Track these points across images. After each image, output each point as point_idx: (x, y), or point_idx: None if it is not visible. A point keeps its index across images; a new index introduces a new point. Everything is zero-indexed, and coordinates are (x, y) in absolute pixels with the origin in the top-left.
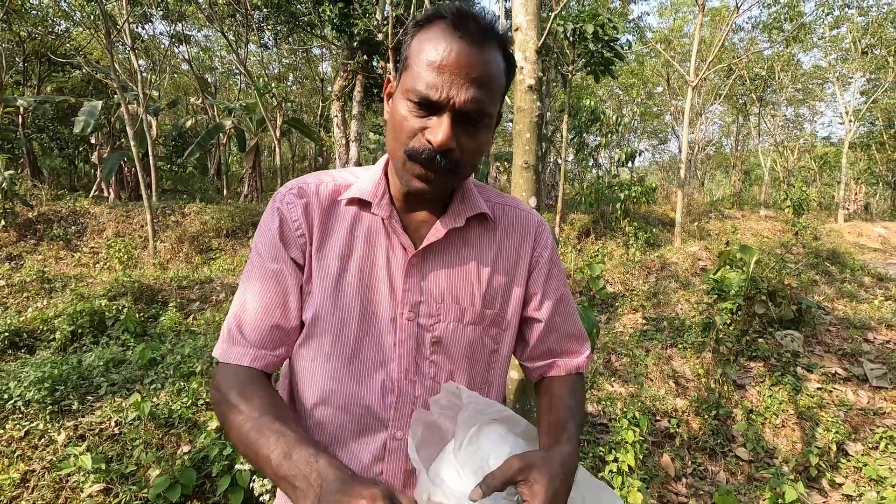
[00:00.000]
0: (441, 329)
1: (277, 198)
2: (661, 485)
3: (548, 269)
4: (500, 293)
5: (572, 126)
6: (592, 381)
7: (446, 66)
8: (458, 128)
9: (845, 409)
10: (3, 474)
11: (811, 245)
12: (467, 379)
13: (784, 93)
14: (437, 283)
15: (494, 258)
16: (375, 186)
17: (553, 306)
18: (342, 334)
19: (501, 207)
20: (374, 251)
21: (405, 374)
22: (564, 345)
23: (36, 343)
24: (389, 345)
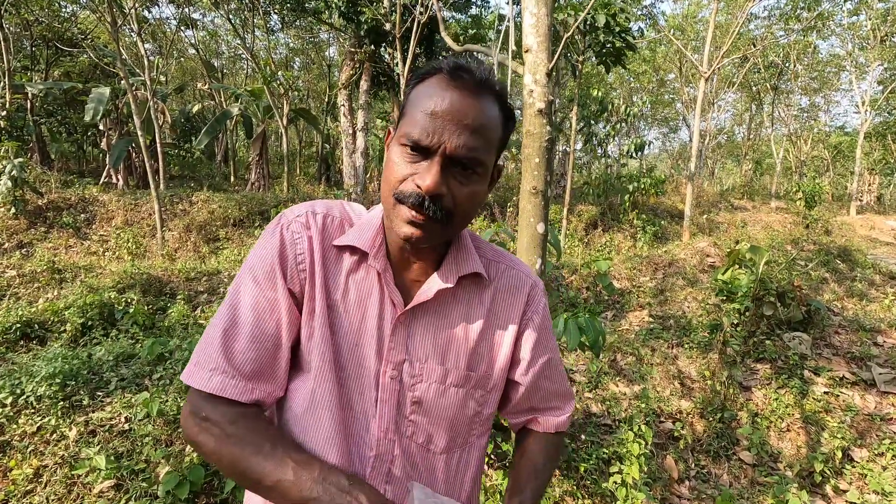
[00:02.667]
0: (422, 390)
1: (283, 223)
2: (665, 487)
3: (537, 335)
4: (486, 355)
5: (581, 116)
6: (597, 380)
7: (440, 112)
8: (449, 174)
9: (852, 414)
10: (17, 469)
11: (822, 241)
12: (446, 440)
13: (799, 81)
14: (423, 342)
15: (484, 319)
16: (373, 236)
17: (539, 370)
18: (331, 384)
19: (496, 266)
20: (367, 303)
21: (385, 434)
22: (548, 402)
23: (47, 334)
24: (371, 401)
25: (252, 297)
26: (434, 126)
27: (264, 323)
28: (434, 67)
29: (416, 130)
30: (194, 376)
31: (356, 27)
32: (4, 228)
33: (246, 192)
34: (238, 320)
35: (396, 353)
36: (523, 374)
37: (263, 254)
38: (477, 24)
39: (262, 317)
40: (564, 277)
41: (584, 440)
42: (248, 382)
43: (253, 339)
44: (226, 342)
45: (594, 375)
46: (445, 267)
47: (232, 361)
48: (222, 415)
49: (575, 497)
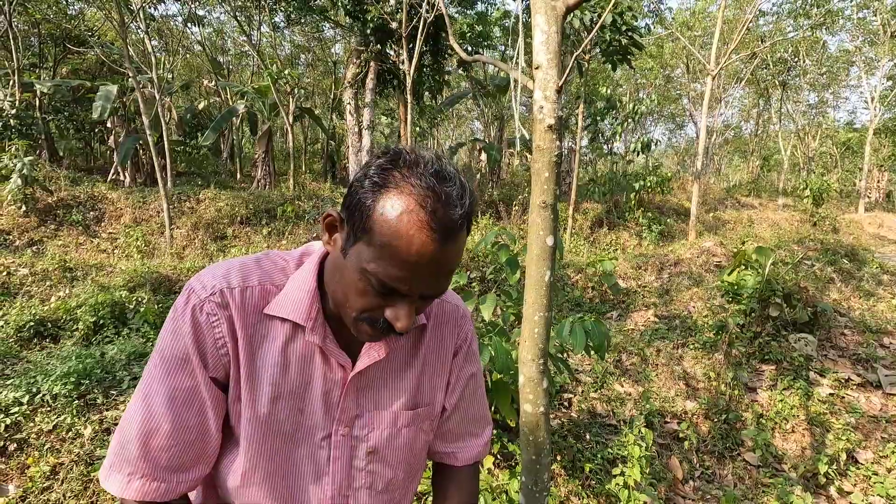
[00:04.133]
0: (375, 438)
1: (193, 304)
2: (669, 487)
3: (464, 358)
4: (429, 388)
5: (588, 113)
6: (602, 381)
7: (418, 268)
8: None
9: (857, 415)
10: (35, 466)
11: (829, 240)
12: (404, 475)
13: (807, 77)
14: (372, 393)
15: (424, 357)
16: (308, 306)
17: (462, 389)
18: (274, 457)
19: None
20: (309, 372)
21: (339, 490)
22: (466, 427)
23: (60, 333)
24: (323, 461)
25: (168, 390)
26: (411, 279)
27: (184, 416)
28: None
29: (387, 276)
30: (111, 480)
31: (362, 25)
32: (15, 226)
33: (252, 190)
34: (154, 416)
35: (349, 412)
36: (451, 395)
37: (175, 343)
38: (482, 22)
39: (181, 410)
40: (570, 277)
41: (590, 440)
42: (171, 478)
43: (173, 436)
44: (144, 441)
45: (599, 376)
46: None
47: (151, 461)
48: None
49: (580, 497)
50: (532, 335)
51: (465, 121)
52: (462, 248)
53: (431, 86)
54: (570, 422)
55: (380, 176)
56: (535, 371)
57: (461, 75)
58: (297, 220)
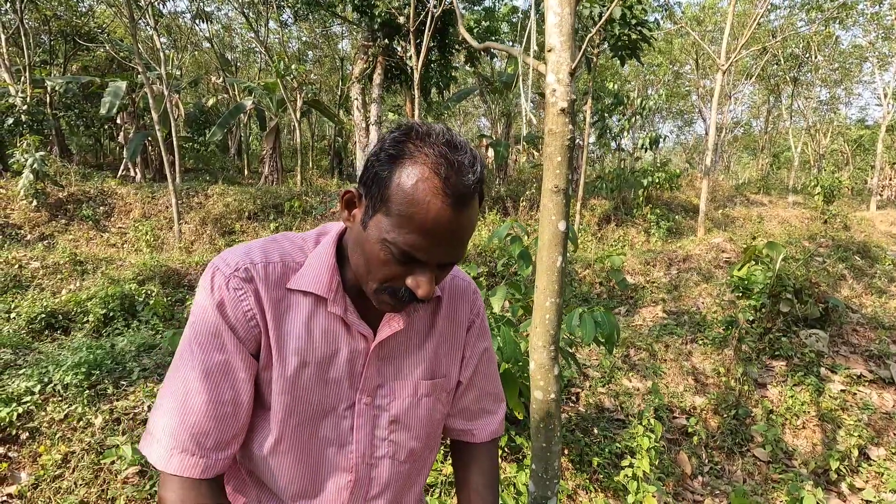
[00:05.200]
0: (397, 407)
1: (219, 280)
2: (678, 482)
3: (477, 333)
4: (446, 361)
5: (595, 109)
6: (611, 375)
7: (434, 233)
8: (438, 272)
9: (869, 412)
10: (47, 455)
11: (840, 237)
12: (423, 446)
13: (819, 73)
14: (394, 364)
15: (441, 329)
16: (329, 279)
17: (476, 365)
18: (301, 427)
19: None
20: (334, 343)
21: (362, 458)
22: (481, 403)
23: (71, 325)
24: (346, 430)
25: (202, 365)
26: (428, 245)
27: (219, 390)
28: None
29: (407, 244)
30: (153, 451)
31: (369, 20)
32: (27, 220)
33: (260, 186)
34: (190, 392)
35: (372, 381)
36: (465, 369)
37: (206, 317)
38: (490, 17)
39: (216, 384)
40: (577, 272)
41: (597, 434)
42: (209, 458)
43: (209, 411)
44: (182, 418)
45: (607, 371)
46: None
47: (190, 437)
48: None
49: (588, 491)
50: (543, 321)
51: (472, 118)
52: (475, 217)
53: (439, 81)
54: (577, 416)
55: (395, 148)
56: (546, 358)
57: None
58: (305, 216)
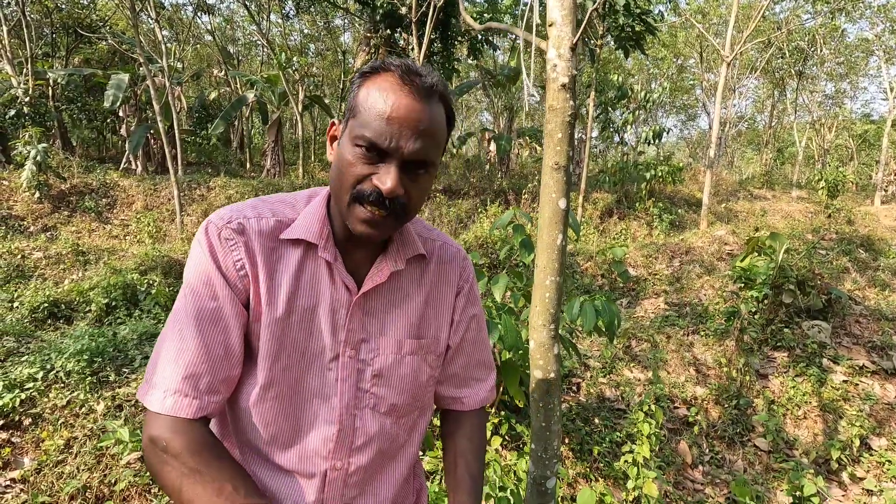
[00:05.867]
0: (381, 362)
1: (212, 232)
2: (678, 471)
3: (466, 298)
4: (433, 323)
5: (598, 102)
6: (612, 366)
7: (395, 118)
8: (405, 175)
9: (871, 402)
10: (49, 440)
11: (844, 230)
12: (407, 405)
13: (825, 66)
14: (378, 320)
15: (428, 292)
16: (320, 228)
17: (465, 330)
18: (287, 375)
19: (432, 243)
20: (318, 292)
21: (346, 409)
22: (471, 371)
23: (73, 314)
24: (331, 382)
25: (195, 311)
26: (391, 131)
27: (211, 335)
28: (382, 66)
29: (371, 132)
30: (149, 397)
31: (371, 12)
32: (29, 212)
33: (262, 179)
34: (184, 337)
35: (355, 334)
36: (454, 334)
37: (198, 267)
38: (493, 9)
39: (207, 330)
40: (579, 265)
41: (598, 424)
42: (202, 399)
43: (202, 355)
44: (176, 361)
45: (608, 361)
46: (392, 250)
47: (184, 380)
48: (183, 445)
49: (588, 479)
50: (543, 300)
51: (475, 112)
52: (440, 121)
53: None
54: (578, 405)
55: (363, 73)
56: (545, 337)
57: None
58: None
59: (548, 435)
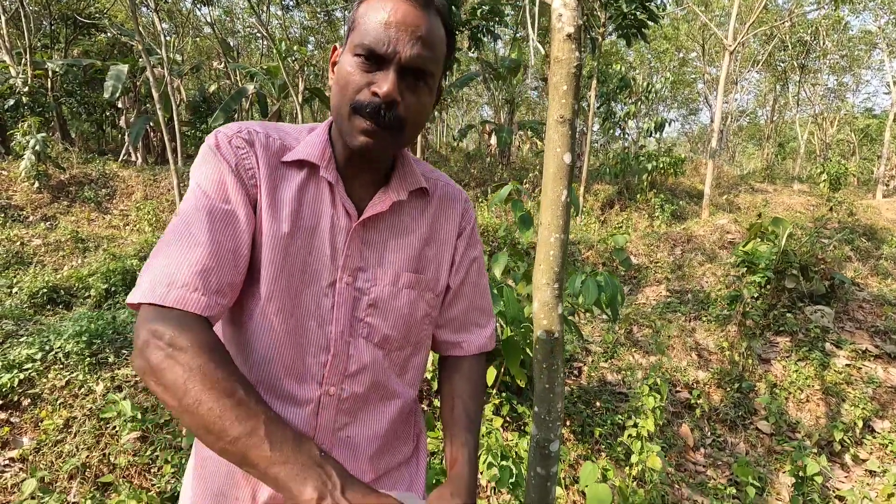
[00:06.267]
0: (377, 292)
1: (222, 139)
2: (680, 454)
3: (467, 240)
4: (433, 260)
5: (600, 93)
6: (613, 350)
7: (392, 22)
8: (403, 84)
9: (874, 386)
10: (48, 420)
11: (846, 220)
12: (401, 339)
13: (827, 59)
14: (377, 250)
15: (429, 228)
16: (322, 150)
17: (465, 272)
18: (287, 293)
19: (434, 182)
20: (319, 215)
21: (341, 335)
22: (470, 316)
23: (72, 300)
24: (327, 307)
25: (206, 210)
26: (388, 36)
27: (221, 235)
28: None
29: (369, 39)
30: (149, 291)
31: None
32: (29, 202)
33: None
34: (194, 234)
35: (353, 261)
36: (455, 275)
37: (210, 171)
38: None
39: (219, 229)
40: (581, 252)
41: (600, 407)
42: (210, 297)
43: (211, 255)
44: (184, 257)
45: (609, 346)
46: (395, 181)
47: (192, 274)
48: (191, 341)
49: (590, 460)
50: (547, 258)
51: (475, 106)
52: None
53: None
54: (580, 389)
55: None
56: (549, 296)
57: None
58: None
59: (551, 397)
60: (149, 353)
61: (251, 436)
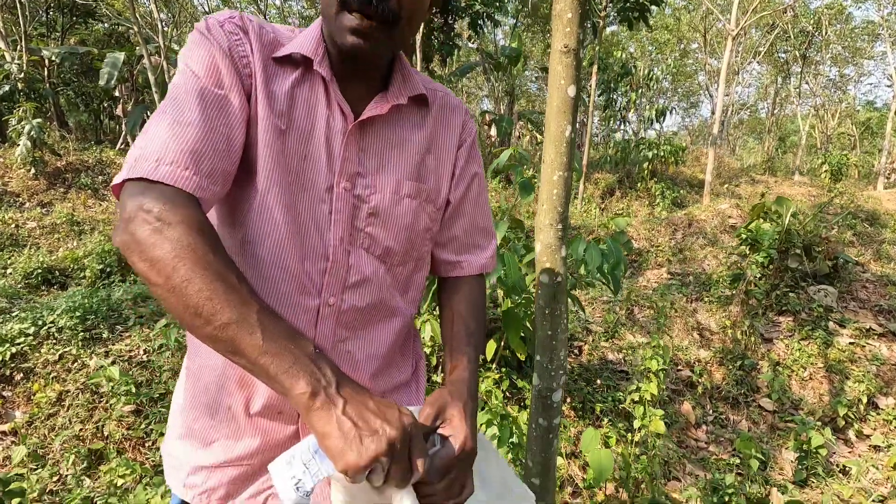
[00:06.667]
0: (377, 200)
1: (213, 24)
2: (681, 430)
3: (468, 154)
4: (434, 170)
5: (601, 81)
6: (614, 330)
7: None
8: None
9: (878, 363)
10: (41, 393)
11: (848, 205)
12: (402, 252)
13: (829, 50)
14: (375, 155)
15: (429, 137)
16: (316, 46)
17: (466, 188)
18: (282, 194)
19: (433, 91)
20: (314, 115)
21: (340, 243)
22: (471, 237)
23: (67, 281)
24: (324, 213)
25: (199, 91)
26: None
27: (214, 118)
28: None
29: None
30: (137, 168)
31: None
32: (25, 189)
33: None
34: (185, 112)
35: (350, 166)
36: (455, 189)
37: (201, 54)
38: None
39: (211, 112)
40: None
41: (600, 385)
42: (202, 179)
43: (203, 136)
44: (174, 135)
45: (611, 326)
46: (394, 86)
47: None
48: (181, 218)
49: None
50: (550, 197)
51: (475, 98)
52: None
53: (441, 48)
54: (580, 367)
55: None
56: (552, 237)
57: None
58: None
59: (554, 344)
60: (135, 227)
61: (242, 322)
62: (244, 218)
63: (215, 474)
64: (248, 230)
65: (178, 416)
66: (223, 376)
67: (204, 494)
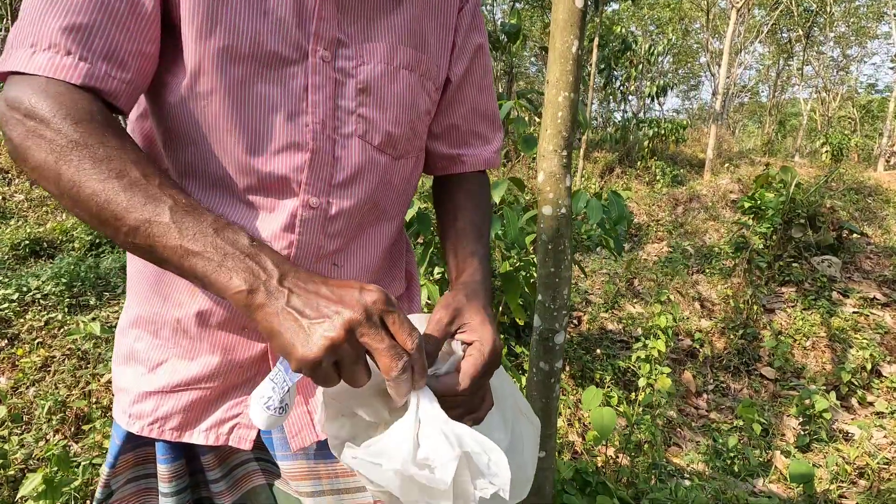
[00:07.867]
0: (367, 72)
1: None
2: (682, 398)
3: (470, 20)
4: (432, 37)
5: (601, 58)
6: (614, 301)
7: None
8: None
9: (882, 332)
10: (26, 358)
11: (850, 179)
12: (405, 139)
13: (833, 29)
14: (361, 20)
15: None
16: None
17: (469, 62)
18: (228, 69)
19: None
20: None
21: (321, 128)
22: (473, 124)
23: (56, 252)
24: (297, 90)
25: None
26: None
27: None
28: None
29: None
30: (10, 59)
31: None
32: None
33: None
34: None
35: (328, 28)
36: (456, 63)
37: None
38: None
39: None
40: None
41: (600, 354)
42: (96, 64)
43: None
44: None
45: (610, 297)
46: None
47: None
48: (56, 110)
49: None
50: (555, 121)
51: None
52: None
53: None
54: (580, 336)
55: None
56: (556, 165)
57: None
58: None
59: (557, 282)
60: (9, 131)
61: (152, 223)
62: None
63: (168, 400)
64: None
65: (119, 336)
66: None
67: (155, 424)
